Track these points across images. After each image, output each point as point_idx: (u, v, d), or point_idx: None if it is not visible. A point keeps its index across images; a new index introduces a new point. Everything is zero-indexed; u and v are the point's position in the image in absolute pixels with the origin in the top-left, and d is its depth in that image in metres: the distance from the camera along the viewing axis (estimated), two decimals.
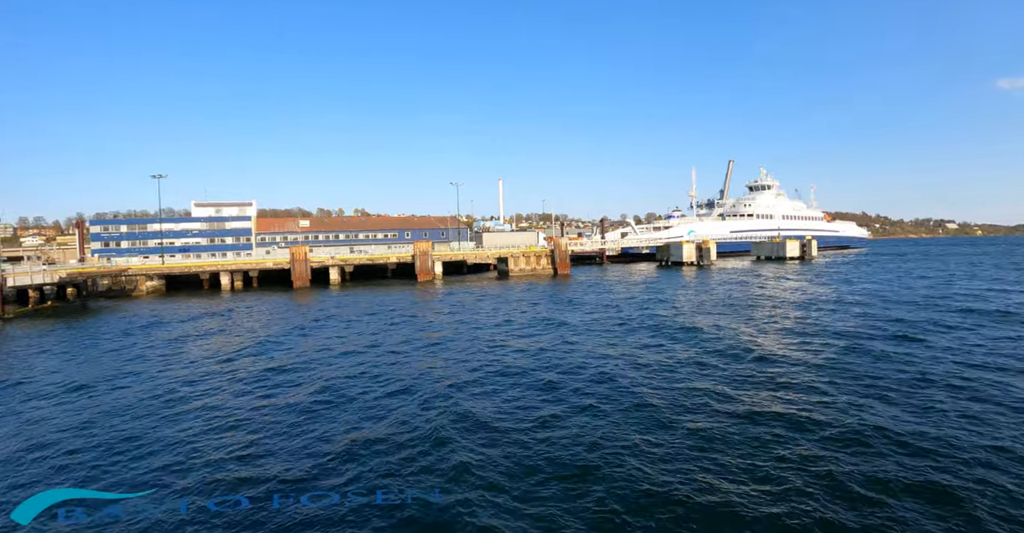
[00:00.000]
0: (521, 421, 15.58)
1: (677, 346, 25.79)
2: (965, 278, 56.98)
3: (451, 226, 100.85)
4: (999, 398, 16.47)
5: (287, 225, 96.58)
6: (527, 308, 41.01)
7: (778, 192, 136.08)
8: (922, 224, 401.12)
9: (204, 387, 20.66)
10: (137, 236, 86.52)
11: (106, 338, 32.91)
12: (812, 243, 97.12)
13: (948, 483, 11.12)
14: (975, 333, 26.77)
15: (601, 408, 16.51)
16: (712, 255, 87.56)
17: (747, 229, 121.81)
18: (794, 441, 13.60)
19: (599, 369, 21.46)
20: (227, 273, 67.69)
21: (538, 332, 30.75)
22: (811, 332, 28.33)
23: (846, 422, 14.68)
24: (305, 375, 21.96)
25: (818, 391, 17.82)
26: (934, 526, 9.72)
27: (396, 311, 40.97)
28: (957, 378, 18.82)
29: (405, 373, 21.68)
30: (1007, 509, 10.16)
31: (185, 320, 40.05)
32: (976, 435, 13.63)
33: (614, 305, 41.40)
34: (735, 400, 17.00)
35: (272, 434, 15.12)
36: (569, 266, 77.00)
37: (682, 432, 14.35)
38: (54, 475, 12.72)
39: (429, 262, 71.47)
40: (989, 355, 22.14)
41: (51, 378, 22.95)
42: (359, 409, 17.13)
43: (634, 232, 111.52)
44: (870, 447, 13.06)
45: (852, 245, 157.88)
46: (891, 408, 15.87)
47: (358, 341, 29.25)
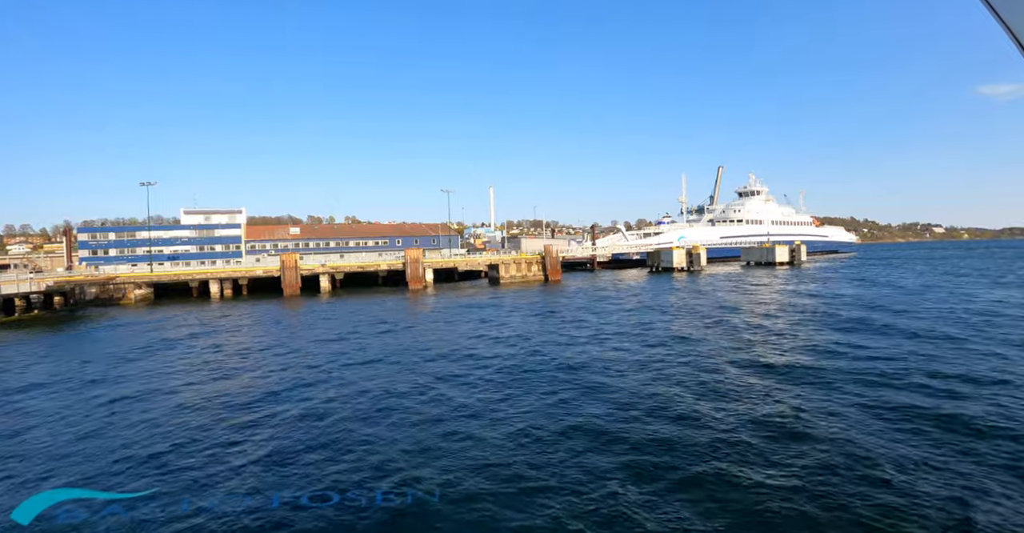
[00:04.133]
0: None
1: (667, 353, 26.01)
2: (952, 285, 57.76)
3: (442, 233, 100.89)
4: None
5: (277, 232, 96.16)
6: (522, 318, 41.12)
7: (767, 198, 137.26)
8: (909, 228, 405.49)
9: (201, 388, 20.56)
10: (125, 244, 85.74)
11: (94, 346, 32.64)
12: (801, 248, 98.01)
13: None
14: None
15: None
16: (702, 261, 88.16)
17: (737, 235, 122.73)
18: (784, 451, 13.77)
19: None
20: (216, 281, 67.27)
21: (538, 345, 30.86)
22: (798, 342, 28.65)
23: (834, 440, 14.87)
24: (294, 382, 21.97)
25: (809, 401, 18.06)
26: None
27: (387, 323, 40.93)
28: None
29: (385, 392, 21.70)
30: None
31: (173, 327, 39.79)
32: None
33: (605, 311, 41.63)
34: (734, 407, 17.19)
35: (272, 434, 15.13)
36: (560, 273, 77.24)
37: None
38: (54, 475, 12.69)
39: (420, 269, 71.42)
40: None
41: (45, 382, 22.74)
42: (354, 417, 17.16)
43: (624, 238, 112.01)
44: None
45: (841, 250, 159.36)
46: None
47: (350, 353, 29.27)
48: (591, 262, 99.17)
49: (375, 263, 76.03)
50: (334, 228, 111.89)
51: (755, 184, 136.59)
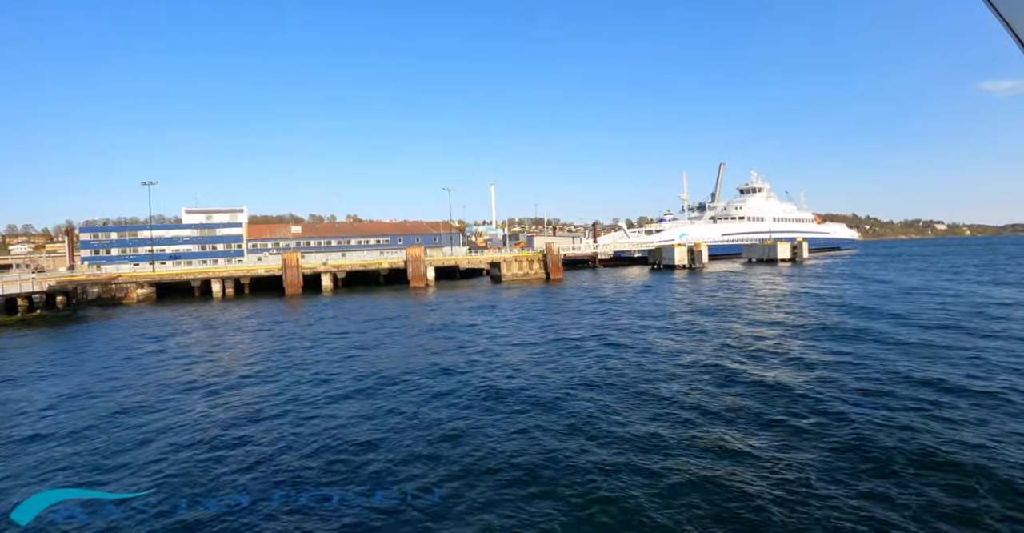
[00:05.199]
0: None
1: (677, 349, 26.02)
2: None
3: (443, 231, 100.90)
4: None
5: (279, 231, 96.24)
6: (527, 316, 41.13)
7: (768, 194, 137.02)
8: (911, 225, 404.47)
9: (201, 388, 20.60)
10: (127, 243, 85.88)
11: (96, 346, 32.72)
12: (803, 245, 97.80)
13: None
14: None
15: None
16: (704, 258, 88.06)
17: (738, 232, 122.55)
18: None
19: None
20: (218, 280, 67.34)
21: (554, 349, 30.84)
22: (801, 338, 28.63)
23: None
24: (295, 382, 22.01)
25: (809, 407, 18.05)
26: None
27: (391, 321, 40.97)
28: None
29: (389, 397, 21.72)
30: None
31: (175, 327, 39.87)
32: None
33: (607, 311, 41.63)
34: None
35: (273, 434, 15.14)
36: (561, 270, 77.15)
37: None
38: (54, 475, 12.71)
39: (422, 268, 71.40)
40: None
41: (46, 382, 22.79)
42: (359, 414, 17.19)
43: (626, 236, 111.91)
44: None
45: (842, 247, 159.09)
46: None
47: (353, 352, 29.32)
48: (593, 260, 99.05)
49: (377, 262, 76.04)
50: (336, 227, 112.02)
51: (757, 181, 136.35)
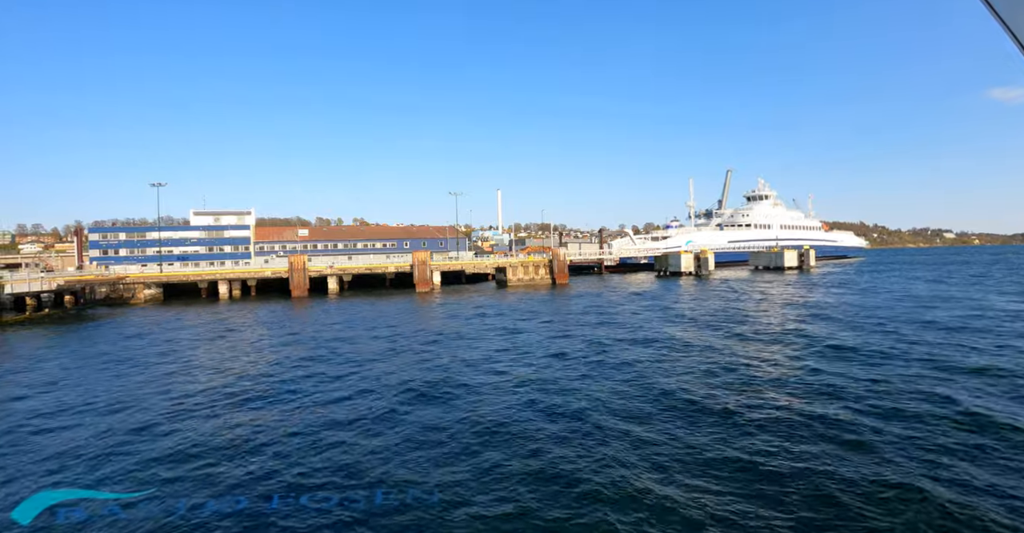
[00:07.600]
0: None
1: (684, 358, 25.92)
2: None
3: (450, 236, 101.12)
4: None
5: (286, 234, 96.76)
6: (532, 321, 41.10)
7: (775, 202, 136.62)
8: (920, 233, 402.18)
9: (203, 388, 20.61)
10: (136, 244, 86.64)
11: (103, 345, 32.90)
12: (810, 253, 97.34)
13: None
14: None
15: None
16: (710, 265, 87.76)
17: (745, 239, 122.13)
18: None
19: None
20: (225, 282, 67.73)
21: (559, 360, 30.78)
22: (807, 348, 28.45)
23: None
24: (296, 384, 21.98)
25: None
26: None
27: (397, 325, 41.05)
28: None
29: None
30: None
31: (181, 327, 40.07)
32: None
33: (613, 319, 41.54)
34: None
35: (273, 435, 15.12)
36: (567, 276, 77.04)
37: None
38: (54, 475, 12.72)
39: (428, 272, 71.48)
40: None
41: (50, 381, 22.84)
42: (363, 419, 17.21)
43: (632, 242, 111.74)
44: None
45: (850, 255, 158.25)
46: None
47: (355, 354, 29.40)
48: (599, 266, 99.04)
49: (383, 265, 76.23)
50: (342, 230, 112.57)
51: (764, 188, 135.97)
